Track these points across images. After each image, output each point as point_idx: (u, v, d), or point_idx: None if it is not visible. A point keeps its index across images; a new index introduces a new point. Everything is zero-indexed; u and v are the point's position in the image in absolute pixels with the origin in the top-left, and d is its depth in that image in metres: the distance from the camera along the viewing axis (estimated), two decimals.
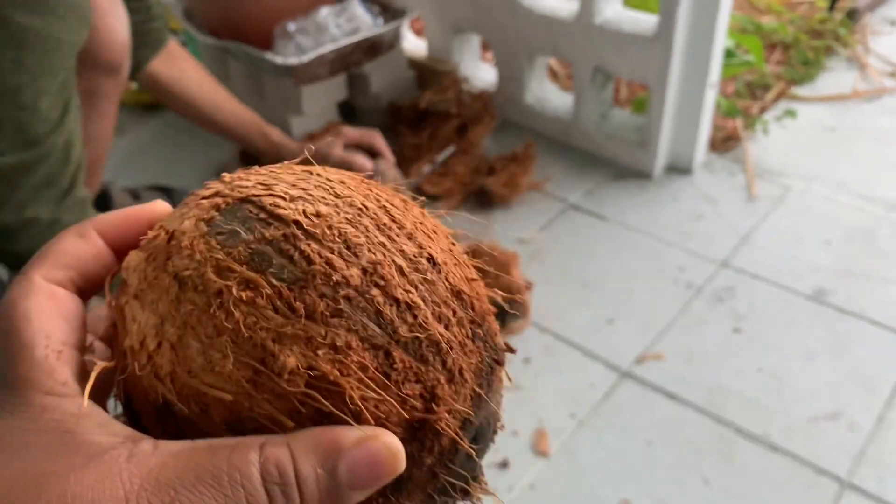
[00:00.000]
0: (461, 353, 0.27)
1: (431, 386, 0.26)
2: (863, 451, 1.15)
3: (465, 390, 0.27)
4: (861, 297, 1.40)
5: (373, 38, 1.74)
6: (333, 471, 0.24)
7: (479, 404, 0.28)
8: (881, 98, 1.99)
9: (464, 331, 0.27)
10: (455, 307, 0.28)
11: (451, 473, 0.28)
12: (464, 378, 0.27)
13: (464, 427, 0.27)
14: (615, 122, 1.80)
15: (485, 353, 0.28)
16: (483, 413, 0.28)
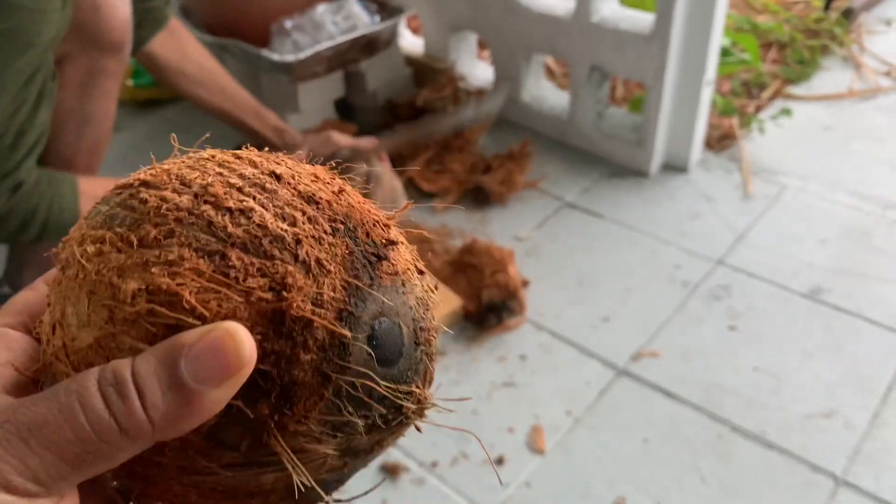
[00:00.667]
0: (316, 246, 0.26)
1: (280, 277, 0.25)
2: (858, 448, 1.15)
3: (330, 280, 0.26)
4: (857, 296, 1.40)
5: (370, 36, 1.74)
6: (174, 366, 0.24)
7: (359, 296, 0.27)
8: (876, 97, 2.00)
9: (319, 227, 0.27)
10: (304, 208, 0.27)
11: (350, 374, 0.26)
12: (324, 268, 0.26)
13: (343, 319, 0.26)
14: (611, 120, 1.80)
15: (354, 247, 0.27)
16: (372, 307, 0.27)
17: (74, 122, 1.17)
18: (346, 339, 0.26)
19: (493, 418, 1.22)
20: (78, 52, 1.12)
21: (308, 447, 0.26)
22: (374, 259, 0.28)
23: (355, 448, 0.28)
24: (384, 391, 0.27)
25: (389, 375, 0.27)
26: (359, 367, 0.26)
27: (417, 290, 0.29)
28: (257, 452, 0.26)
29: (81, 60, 1.13)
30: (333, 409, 0.26)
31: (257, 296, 0.25)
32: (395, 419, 0.28)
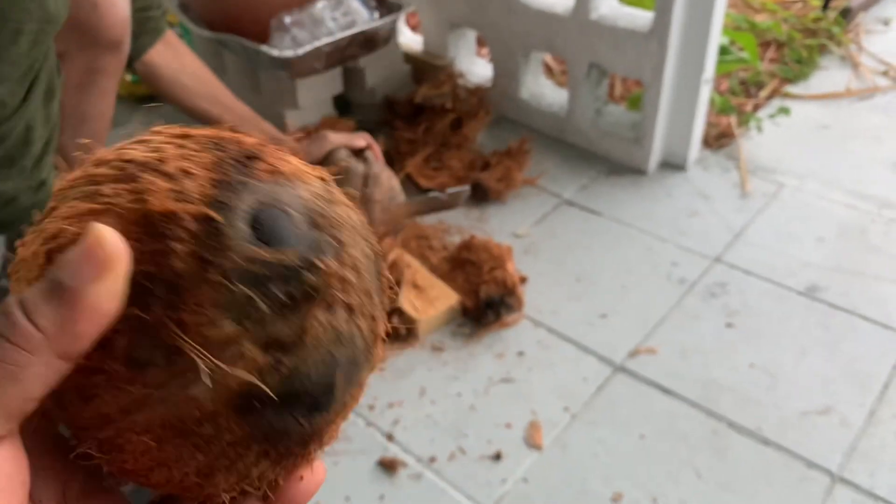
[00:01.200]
0: (181, 161, 0.27)
1: (143, 188, 0.26)
2: (854, 445, 1.16)
3: (194, 180, 0.26)
4: (853, 294, 1.41)
5: (369, 32, 1.74)
6: (53, 277, 0.24)
7: (231, 189, 0.26)
8: (874, 97, 2.00)
9: (187, 149, 0.27)
10: (178, 141, 0.28)
11: (233, 253, 0.25)
12: (189, 174, 0.26)
13: (214, 207, 0.26)
14: (610, 118, 1.81)
15: (224, 154, 0.27)
16: (248, 197, 0.26)
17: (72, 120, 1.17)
18: (220, 223, 0.25)
19: (490, 414, 1.22)
20: (76, 50, 1.12)
21: (212, 335, 0.25)
22: (247, 159, 0.28)
23: (276, 338, 0.26)
24: (276, 262, 0.26)
25: (281, 253, 0.26)
26: (241, 245, 0.25)
27: (315, 187, 0.28)
28: (173, 360, 0.25)
29: (80, 59, 1.14)
30: (226, 292, 0.25)
31: (123, 207, 0.26)
32: (298, 291, 0.26)
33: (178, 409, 0.25)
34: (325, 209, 0.28)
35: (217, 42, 1.78)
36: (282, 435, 0.27)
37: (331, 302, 0.26)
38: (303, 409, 0.27)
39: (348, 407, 0.29)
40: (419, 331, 1.35)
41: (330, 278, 0.26)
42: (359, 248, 0.28)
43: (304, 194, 0.28)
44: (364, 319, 0.28)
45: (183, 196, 0.26)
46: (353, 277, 0.27)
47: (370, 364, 0.29)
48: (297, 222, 0.27)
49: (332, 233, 0.27)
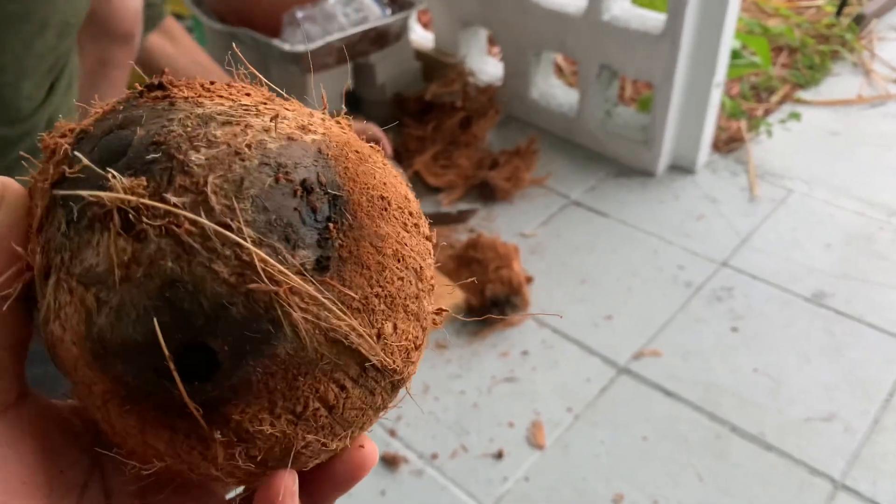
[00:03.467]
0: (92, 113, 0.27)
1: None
2: (857, 452, 1.15)
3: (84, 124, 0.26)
4: (859, 301, 1.40)
5: (380, 29, 1.74)
6: None
7: (102, 121, 0.25)
8: (885, 104, 1.99)
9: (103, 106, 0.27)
10: None
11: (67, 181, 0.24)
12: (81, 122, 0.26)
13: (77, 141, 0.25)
14: (619, 119, 1.80)
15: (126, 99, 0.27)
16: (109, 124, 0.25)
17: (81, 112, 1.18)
18: (63, 148, 0.24)
19: (493, 413, 1.22)
20: (88, 41, 1.13)
21: (36, 264, 0.24)
22: (138, 95, 0.26)
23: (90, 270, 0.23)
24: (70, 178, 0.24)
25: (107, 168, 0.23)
26: (70, 167, 0.24)
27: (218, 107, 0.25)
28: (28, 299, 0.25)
29: (91, 50, 1.14)
30: (45, 217, 0.24)
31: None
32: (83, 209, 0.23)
33: (61, 352, 0.24)
34: (188, 127, 0.24)
35: (229, 35, 1.78)
36: (145, 396, 0.23)
37: (138, 230, 0.22)
38: (159, 367, 0.23)
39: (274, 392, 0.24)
40: None
41: (118, 200, 0.22)
42: (231, 174, 0.23)
43: (180, 114, 0.25)
44: (223, 262, 0.22)
45: (60, 134, 0.25)
46: (192, 205, 0.23)
47: (290, 333, 0.23)
48: (134, 141, 0.24)
49: (172, 151, 0.23)
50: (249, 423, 0.24)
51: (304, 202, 0.24)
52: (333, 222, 0.24)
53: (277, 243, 0.23)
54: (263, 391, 0.23)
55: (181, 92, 0.26)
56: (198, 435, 0.24)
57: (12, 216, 0.24)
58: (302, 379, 0.24)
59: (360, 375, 0.25)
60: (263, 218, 0.23)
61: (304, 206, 0.24)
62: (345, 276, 0.24)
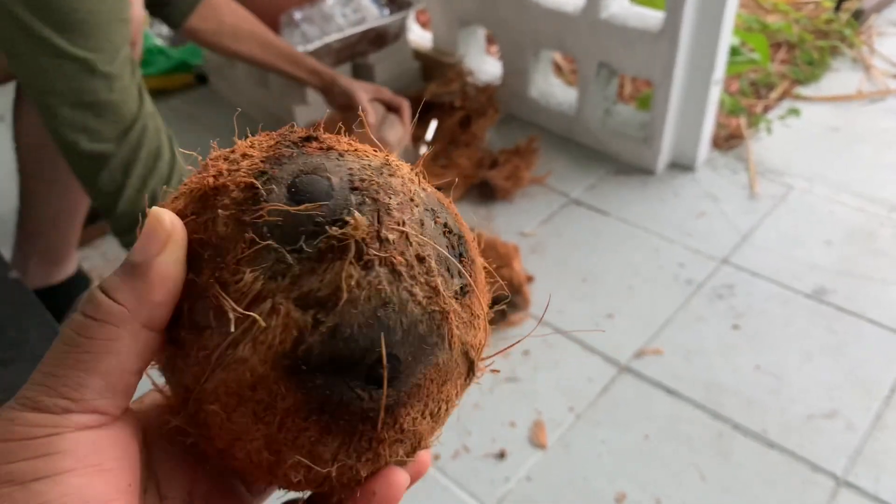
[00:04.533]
0: (248, 149, 0.29)
1: (205, 167, 0.29)
2: (859, 449, 1.15)
3: (249, 161, 0.28)
4: (860, 298, 1.40)
5: (379, 29, 1.74)
6: (125, 261, 0.28)
7: (277, 162, 0.28)
8: (885, 99, 1.99)
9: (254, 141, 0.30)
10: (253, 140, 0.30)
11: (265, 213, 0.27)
12: (247, 156, 0.29)
13: (257, 178, 0.28)
14: (619, 117, 1.80)
15: (280, 138, 0.30)
16: (292, 167, 0.28)
17: None
18: (258, 188, 0.27)
19: (495, 412, 1.22)
20: None
21: (247, 290, 0.26)
22: (302, 140, 0.30)
23: (310, 293, 0.26)
24: (303, 216, 0.26)
25: (309, 206, 0.27)
26: (274, 204, 0.27)
27: (369, 162, 0.29)
28: (221, 321, 0.26)
29: None
30: (257, 248, 0.26)
31: (190, 188, 0.29)
32: (325, 244, 0.26)
33: (233, 373, 0.26)
34: (370, 176, 0.28)
35: None
36: (338, 406, 0.26)
37: (366, 259, 0.26)
38: (358, 379, 0.26)
39: (430, 395, 0.28)
40: None
41: (360, 234, 0.26)
42: (410, 216, 0.28)
43: (352, 164, 0.28)
44: (418, 286, 0.27)
45: (234, 172, 0.28)
46: (397, 238, 0.27)
47: (448, 347, 0.28)
48: (335, 185, 0.27)
49: (373, 195, 0.27)
50: (409, 422, 0.28)
51: (448, 241, 0.29)
52: (462, 257, 0.29)
53: (445, 273, 0.28)
54: (424, 394, 0.28)
55: (338, 144, 0.30)
56: (369, 437, 0.28)
57: (180, 253, 0.27)
58: (446, 384, 0.29)
59: (466, 381, 0.31)
60: (435, 253, 0.28)
61: (449, 244, 0.29)
62: (473, 300, 0.30)
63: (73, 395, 0.26)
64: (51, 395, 0.26)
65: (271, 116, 1.81)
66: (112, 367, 0.26)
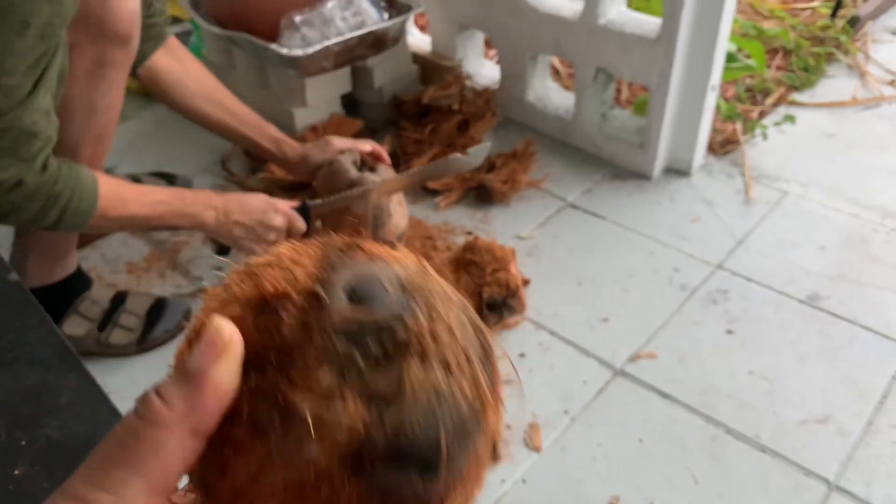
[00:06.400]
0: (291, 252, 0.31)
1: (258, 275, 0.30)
2: (851, 454, 1.16)
3: (301, 267, 0.30)
4: (854, 303, 1.41)
5: (378, 32, 1.75)
6: (181, 365, 0.29)
7: (332, 268, 0.30)
8: (880, 106, 2.01)
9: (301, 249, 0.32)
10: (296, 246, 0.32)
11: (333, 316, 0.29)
12: (297, 262, 0.30)
13: (318, 283, 0.29)
14: (615, 122, 1.81)
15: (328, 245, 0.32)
16: (346, 274, 0.30)
17: (81, 112, 1.18)
18: (322, 294, 0.29)
19: None
20: (86, 42, 1.13)
21: (317, 390, 0.28)
22: (347, 248, 0.31)
23: (376, 390, 0.28)
24: (370, 320, 0.28)
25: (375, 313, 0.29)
26: (341, 311, 0.29)
27: (409, 267, 0.31)
28: (287, 420, 0.28)
29: (89, 51, 1.15)
30: (326, 350, 0.28)
31: (244, 293, 0.30)
32: (391, 345, 0.28)
33: (297, 471, 0.28)
34: (416, 280, 0.31)
35: (227, 39, 1.79)
36: (397, 495, 0.28)
37: (425, 356, 0.29)
38: (415, 469, 0.28)
39: (469, 479, 0.31)
40: None
41: (421, 333, 0.29)
42: (452, 315, 0.30)
43: (398, 270, 0.31)
44: (465, 381, 0.29)
45: (292, 279, 0.30)
46: (447, 337, 0.29)
47: (483, 434, 0.30)
48: (390, 289, 0.30)
49: (422, 298, 0.30)
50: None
51: (477, 336, 0.31)
52: (488, 349, 0.32)
53: (480, 367, 0.30)
54: (466, 480, 0.30)
55: (378, 251, 0.32)
56: None
57: (235, 365, 0.28)
58: (480, 468, 0.31)
59: (491, 463, 0.33)
60: (473, 348, 0.30)
61: (478, 339, 0.31)
62: (496, 385, 0.32)
63: (116, 490, 0.27)
64: (94, 490, 0.27)
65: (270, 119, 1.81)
66: (155, 469, 0.28)
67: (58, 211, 1.06)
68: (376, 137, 1.86)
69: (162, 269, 1.53)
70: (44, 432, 0.69)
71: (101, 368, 1.28)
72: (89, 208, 1.09)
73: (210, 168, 1.78)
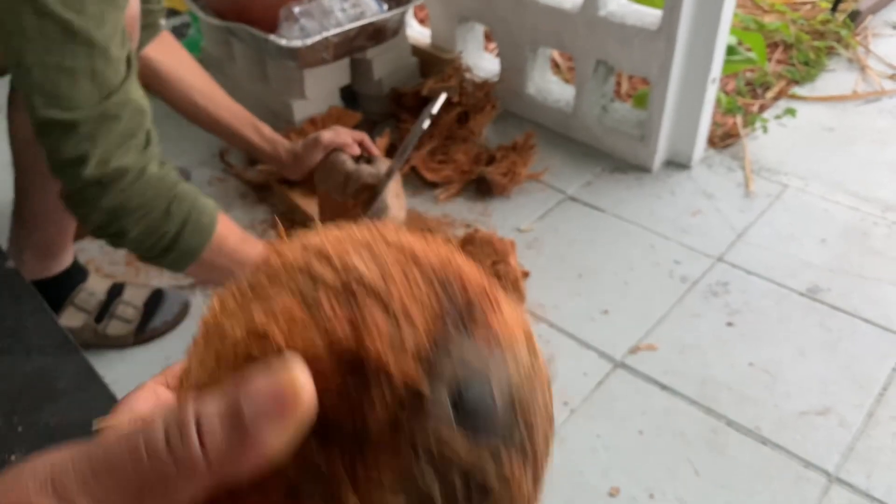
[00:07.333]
0: (409, 301, 0.26)
1: (365, 324, 0.25)
2: (851, 446, 1.16)
3: (415, 332, 0.25)
4: (854, 296, 1.41)
5: (377, 24, 1.74)
6: (235, 403, 0.23)
7: (445, 352, 0.25)
8: (880, 100, 2.00)
9: (415, 284, 0.27)
10: (408, 267, 0.27)
11: (429, 433, 0.24)
12: (411, 321, 0.25)
13: (424, 372, 0.25)
14: (615, 115, 1.81)
15: (449, 305, 0.26)
16: (459, 365, 0.25)
17: None
18: (426, 395, 0.24)
19: None
20: None
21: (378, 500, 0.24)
22: (468, 318, 0.27)
23: None
24: (467, 460, 0.25)
25: (475, 444, 0.25)
26: (440, 426, 0.24)
27: (522, 360, 0.27)
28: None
29: None
30: (409, 469, 0.24)
31: (338, 336, 0.25)
32: (478, 496, 0.25)
33: None
34: (526, 394, 0.27)
35: (226, 30, 1.78)
36: None
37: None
38: None
39: None
40: None
41: (510, 485, 0.26)
42: (542, 430, 0.27)
43: (512, 370, 0.26)
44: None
45: (400, 348, 0.25)
46: (528, 477, 0.26)
47: None
48: (497, 403, 0.26)
49: (526, 420, 0.26)
50: None
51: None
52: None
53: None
54: None
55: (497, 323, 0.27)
56: None
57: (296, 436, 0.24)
58: None
59: None
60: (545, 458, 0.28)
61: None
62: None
63: None
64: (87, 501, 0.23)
65: (269, 111, 1.81)
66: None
67: (181, 219, 0.99)
68: (375, 130, 1.85)
69: None
70: (41, 418, 0.68)
71: (98, 360, 1.28)
72: (210, 225, 1.03)
73: (208, 161, 1.78)
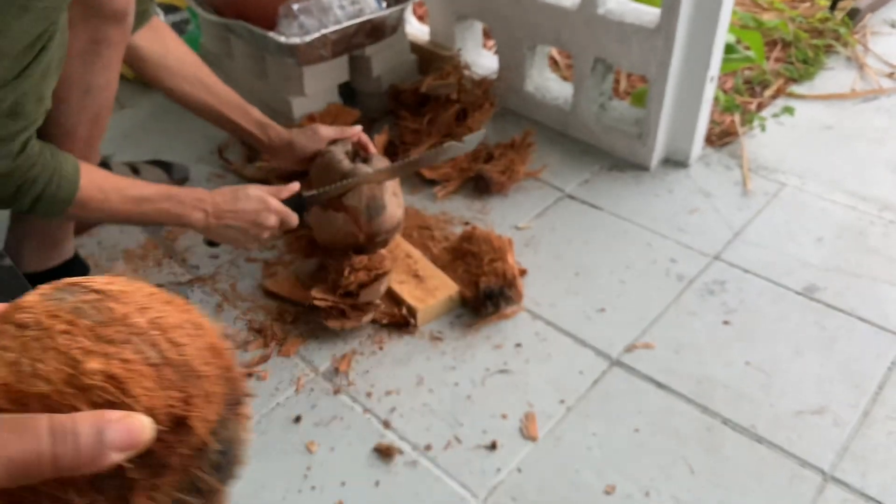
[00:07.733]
0: (212, 385, 0.40)
1: (191, 399, 0.38)
2: (846, 445, 1.17)
3: (213, 408, 0.39)
4: (850, 295, 1.41)
5: (376, 21, 1.74)
6: (101, 432, 0.35)
7: (223, 425, 0.40)
8: (878, 98, 2.00)
9: (213, 374, 0.40)
10: (209, 357, 0.41)
11: (201, 471, 0.39)
12: (211, 401, 0.39)
13: (213, 434, 0.39)
14: (614, 113, 1.81)
15: (228, 391, 0.41)
16: (228, 434, 0.40)
17: (76, 92, 1.16)
18: (209, 450, 0.39)
19: (486, 404, 1.23)
20: (80, 20, 1.11)
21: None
22: (236, 403, 0.42)
23: None
24: (210, 487, 0.39)
25: (217, 479, 0.40)
26: (208, 469, 0.39)
27: (248, 429, 0.43)
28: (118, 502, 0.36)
29: (83, 29, 1.13)
30: (182, 489, 0.38)
31: (172, 403, 0.38)
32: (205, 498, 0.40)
33: None
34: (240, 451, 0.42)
35: (224, 27, 1.78)
36: None
37: None
38: None
39: None
40: (418, 320, 1.36)
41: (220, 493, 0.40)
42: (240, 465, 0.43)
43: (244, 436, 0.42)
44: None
45: (205, 421, 0.39)
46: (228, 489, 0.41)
47: None
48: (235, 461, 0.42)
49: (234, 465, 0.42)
50: None
51: None
52: None
53: None
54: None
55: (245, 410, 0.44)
56: None
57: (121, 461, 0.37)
58: None
59: None
60: None
61: None
62: None
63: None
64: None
65: (268, 108, 1.81)
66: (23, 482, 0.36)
67: (32, 196, 1.05)
68: (374, 127, 1.85)
69: (158, 258, 1.53)
70: None
71: None
72: (67, 197, 1.08)
73: (207, 157, 1.78)
